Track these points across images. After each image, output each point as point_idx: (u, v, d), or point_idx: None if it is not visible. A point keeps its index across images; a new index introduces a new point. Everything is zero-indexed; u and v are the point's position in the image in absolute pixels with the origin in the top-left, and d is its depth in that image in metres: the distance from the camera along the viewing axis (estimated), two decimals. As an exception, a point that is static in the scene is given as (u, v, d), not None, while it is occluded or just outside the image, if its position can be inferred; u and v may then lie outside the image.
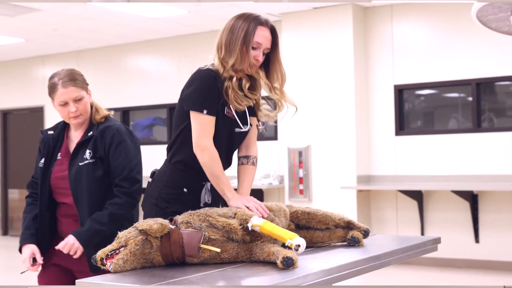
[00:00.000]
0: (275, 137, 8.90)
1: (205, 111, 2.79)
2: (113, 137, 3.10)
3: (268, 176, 8.74)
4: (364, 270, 2.59)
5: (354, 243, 2.83)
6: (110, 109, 3.29)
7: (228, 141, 2.92)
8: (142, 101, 10.10)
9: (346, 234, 2.86)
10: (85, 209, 3.05)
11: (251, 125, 2.97)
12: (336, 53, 8.19)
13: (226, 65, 2.84)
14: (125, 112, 10.29)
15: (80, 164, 3.08)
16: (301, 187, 8.41)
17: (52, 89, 3.10)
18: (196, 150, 2.80)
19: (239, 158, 3.02)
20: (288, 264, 2.29)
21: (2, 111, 11.69)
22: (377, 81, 8.30)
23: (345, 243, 2.87)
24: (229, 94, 2.83)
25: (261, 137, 9.34)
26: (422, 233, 7.86)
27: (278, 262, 2.31)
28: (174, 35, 9.60)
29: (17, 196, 11.62)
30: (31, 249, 3.12)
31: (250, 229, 2.44)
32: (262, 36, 2.87)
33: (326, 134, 8.25)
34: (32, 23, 8.50)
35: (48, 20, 8.40)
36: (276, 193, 8.87)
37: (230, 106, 2.85)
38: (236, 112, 2.87)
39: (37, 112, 11.15)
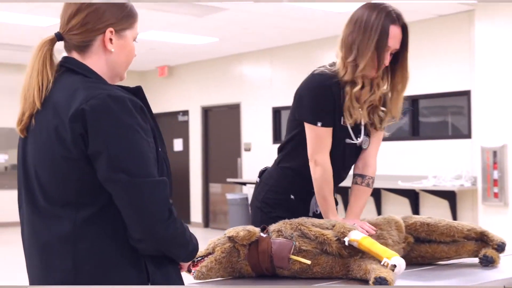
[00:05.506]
0: (468, 135, 8.27)
1: (319, 124, 2.52)
2: None
3: (460, 177, 8.15)
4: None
5: (487, 262, 2.45)
6: None
7: (343, 153, 2.61)
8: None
9: (479, 248, 2.49)
10: None
11: (368, 136, 2.64)
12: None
13: (349, 67, 2.52)
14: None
15: None
16: (495, 190, 7.73)
17: (135, 16, 1.88)
18: (310, 163, 2.55)
19: (354, 175, 2.68)
20: (381, 284, 2.02)
21: (203, 108, 12.17)
22: None
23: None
24: (345, 102, 2.52)
25: (453, 135, 8.75)
26: None
27: (370, 282, 2.04)
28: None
29: (218, 190, 12.02)
30: None
31: (347, 243, 2.18)
32: (394, 37, 2.48)
33: (523, 132, 7.49)
34: (221, 22, 8.68)
35: (235, 19, 8.53)
36: (469, 195, 8.24)
37: None
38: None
39: (234, 109, 11.47)
